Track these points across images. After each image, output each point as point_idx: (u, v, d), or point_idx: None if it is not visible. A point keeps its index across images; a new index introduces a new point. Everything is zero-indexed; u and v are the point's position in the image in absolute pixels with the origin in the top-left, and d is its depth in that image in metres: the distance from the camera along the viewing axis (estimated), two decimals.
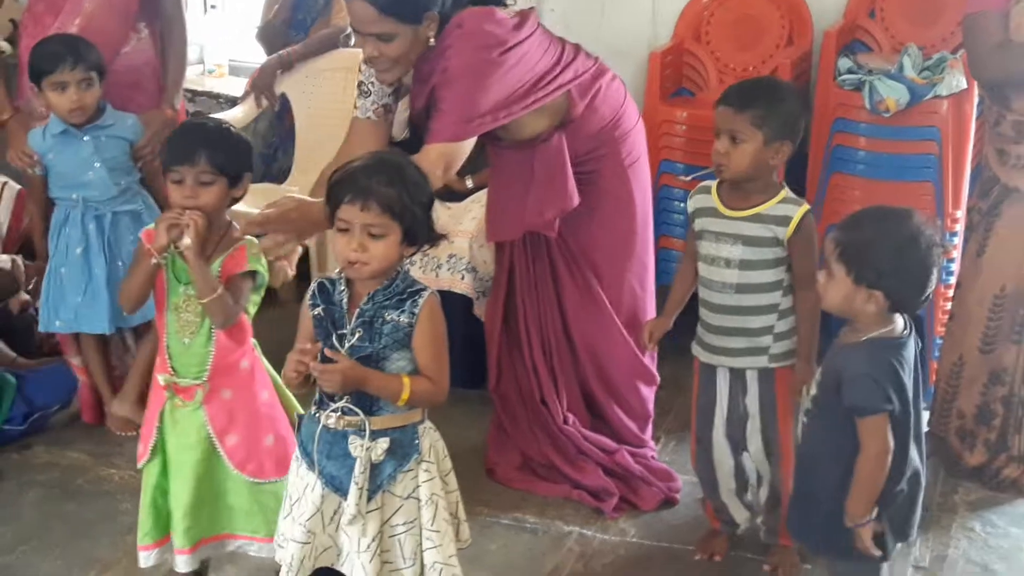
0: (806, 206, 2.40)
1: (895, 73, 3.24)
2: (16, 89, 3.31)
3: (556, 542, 2.77)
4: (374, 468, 2.00)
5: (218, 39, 4.91)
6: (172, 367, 2.31)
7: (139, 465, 2.39)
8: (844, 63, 3.38)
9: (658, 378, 3.02)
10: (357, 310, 2.00)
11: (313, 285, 2.06)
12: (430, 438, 2.09)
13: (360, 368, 1.96)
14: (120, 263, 3.09)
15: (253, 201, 3.99)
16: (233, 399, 2.33)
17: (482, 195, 3.35)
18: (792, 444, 2.42)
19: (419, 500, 2.04)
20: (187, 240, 2.17)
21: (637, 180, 2.88)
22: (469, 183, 3.59)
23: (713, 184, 2.47)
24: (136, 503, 2.85)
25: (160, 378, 2.32)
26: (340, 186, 1.98)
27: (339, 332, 2.00)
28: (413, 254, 2.05)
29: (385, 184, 1.96)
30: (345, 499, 2.01)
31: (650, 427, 3.07)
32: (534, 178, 2.78)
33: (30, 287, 3.47)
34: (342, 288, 2.03)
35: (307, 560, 2.05)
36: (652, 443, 3.07)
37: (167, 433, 2.34)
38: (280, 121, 4.39)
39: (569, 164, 2.76)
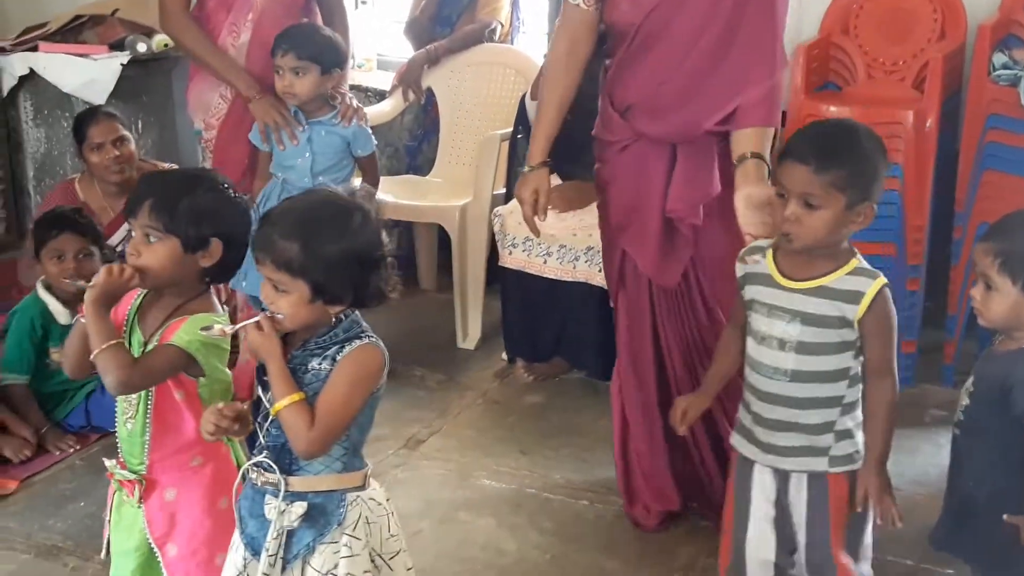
0: (882, 280, 2.00)
1: None
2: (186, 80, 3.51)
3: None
4: (291, 535, 1.77)
5: (367, 34, 5.06)
6: (121, 454, 2.01)
7: (101, 557, 2.13)
8: (999, 58, 3.28)
9: None
10: (288, 355, 1.76)
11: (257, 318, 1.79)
12: (363, 510, 1.80)
13: (276, 345, 1.73)
14: None
15: (399, 191, 4.15)
16: (177, 502, 1.97)
17: None
18: (847, 563, 2.08)
19: None
20: (86, 284, 1.88)
21: None
22: None
23: (769, 245, 2.10)
24: None
25: (107, 463, 2.01)
26: (258, 228, 1.77)
27: (265, 377, 1.77)
28: (341, 311, 1.75)
29: (284, 236, 1.70)
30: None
31: None
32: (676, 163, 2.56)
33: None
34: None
35: None
36: None
37: (113, 530, 2.04)
38: (425, 114, 4.51)
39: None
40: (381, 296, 1.77)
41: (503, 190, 3.92)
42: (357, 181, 3.52)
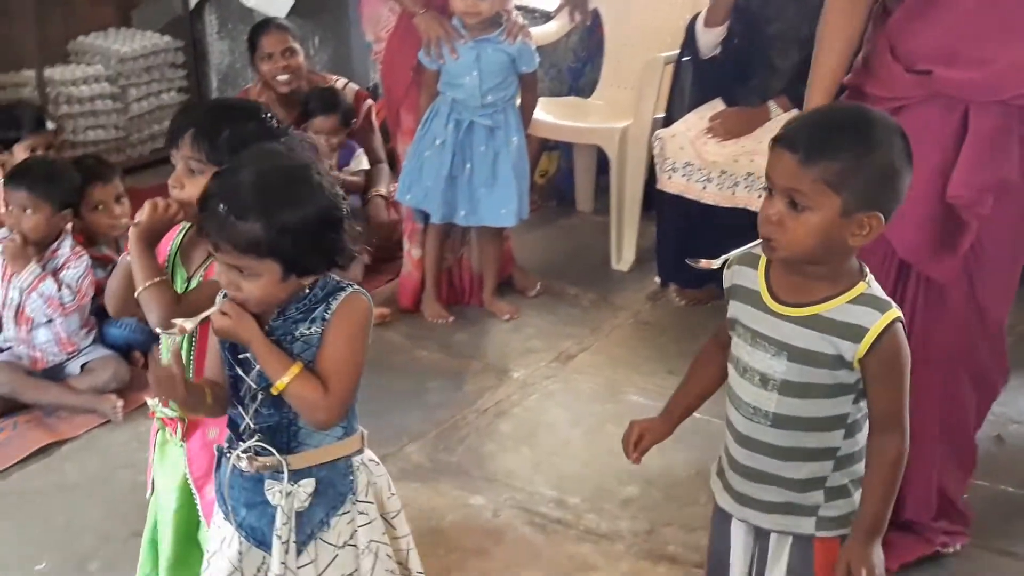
0: (893, 313, 1.59)
1: None
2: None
3: None
4: (301, 516, 1.66)
5: None
6: None
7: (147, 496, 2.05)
8: None
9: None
10: (266, 328, 1.60)
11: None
12: (367, 474, 1.72)
13: (252, 324, 1.58)
14: (468, 166, 3.42)
15: (560, 112, 4.21)
16: (219, 440, 1.84)
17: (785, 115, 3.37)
18: None
19: (357, 548, 1.70)
20: (131, 221, 1.85)
21: None
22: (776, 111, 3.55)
23: (763, 255, 1.67)
24: (444, 385, 3.20)
25: (148, 401, 1.94)
26: (201, 211, 1.59)
27: (241, 355, 1.63)
28: (315, 283, 1.61)
29: (241, 216, 1.52)
30: (270, 553, 1.67)
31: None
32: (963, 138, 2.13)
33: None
34: None
35: None
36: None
37: (156, 468, 1.98)
38: (590, 36, 4.53)
39: None
40: (350, 255, 1.61)
41: (664, 114, 3.93)
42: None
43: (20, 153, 3.61)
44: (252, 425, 1.65)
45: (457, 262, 3.70)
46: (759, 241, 1.63)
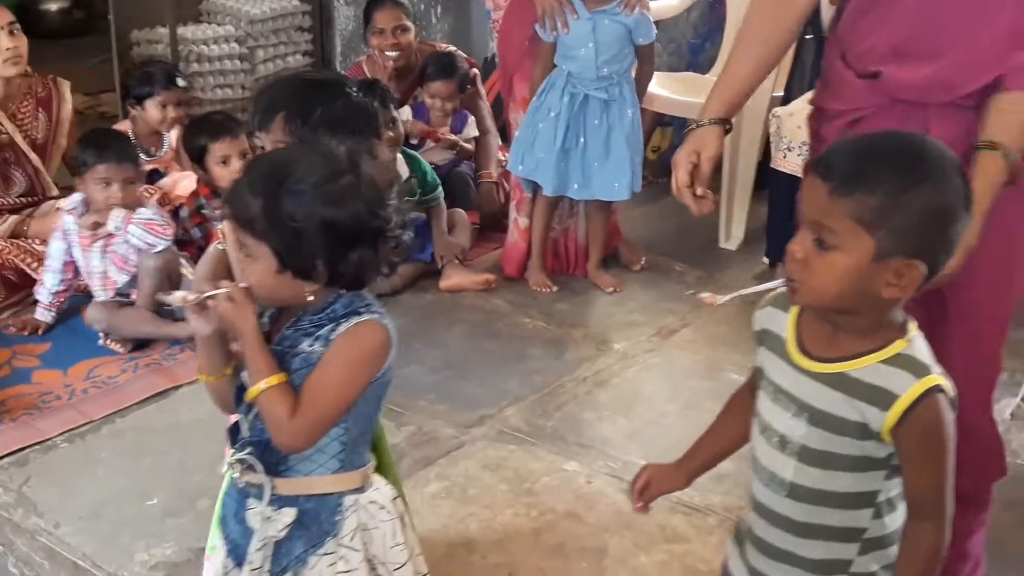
0: (934, 378, 1.34)
1: None
2: None
3: None
4: (280, 546, 1.53)
5: None
6: None
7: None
8: None
9: (1006, 470, 2.08)
10: (279, 335, 1.53)
11: None
12: (362, 517, 1.56)
13: (250, 316, 1.47)
14: (582, 139, 3.43)
15: (677, 87, 4.19)
16: None
17: None
18: None
19: None
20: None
21: None
22: None
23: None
24: (545, 352, 3.24)
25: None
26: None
27: None
28: (338, 298, 1.50)
29: (250, 188, 1.45)
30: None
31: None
32: None
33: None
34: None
35: None
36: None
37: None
38: (712, 11, 4.50)
39: None
40: (363, 278, 1.49)
41: (782, 92, 3.88)
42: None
43: (152, 109, 3.77)
44: (247, 435, 1.55)
45: (563, 232, 3.73)
46: (777, 282, 1.45)
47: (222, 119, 3.52)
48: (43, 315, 3.27)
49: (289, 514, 1.52)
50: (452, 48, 4.23)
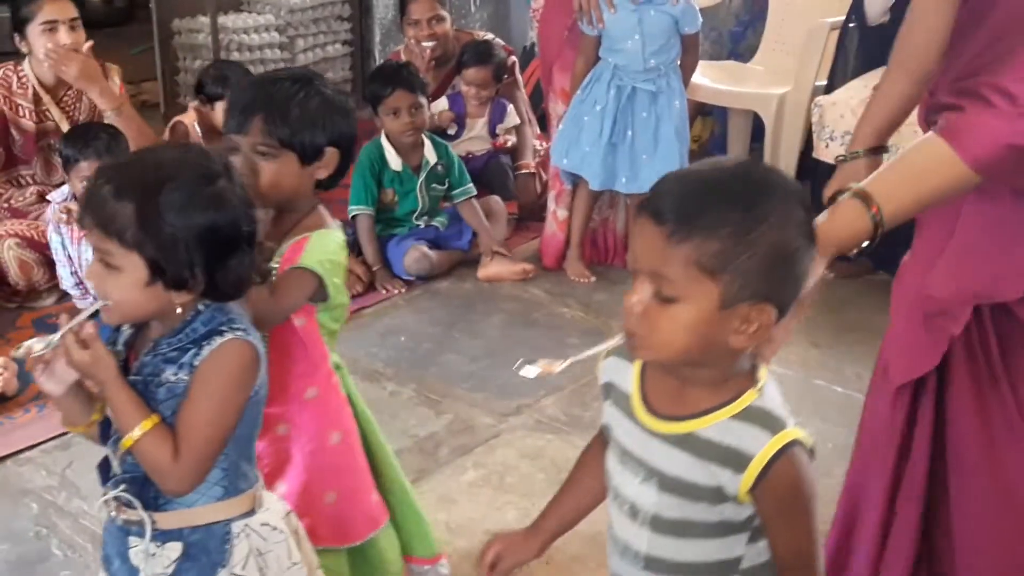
0: (790, 432, 1.22)
1: None
2: None
3: None
4: None
5: None
6: None
7: None
8: None
9: None
10: (136, 363, 1.41)
11: None
12: (253, 542, 1.46)
13: (108, 362, 1.35)
14: (630, 132, 3.39)
15: (718, 76, 4.15)
16: (288, 437, 1.78)
17: None
18: None
19: None
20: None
21: None
22: None
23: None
24: (583, 342, 3.22)
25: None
26: (87, 188, 1.39)
27: None
28: (198, 315, 1.38)
29: (118, 193, 1.32)
30: None
31: None
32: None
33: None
34: (128, 327, 1.44)
35: None
36: None
37: None
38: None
39: None
40: (240, 286, 1.40)
41: (825, 81, 3.83)
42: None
43: (221, 112, 3.70)
44: (118, 472, 1.44)
45: (602, 223, 3.71)
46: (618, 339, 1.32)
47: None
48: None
49: (174, 549, 1.43)
50: (490, 36, 4.21)
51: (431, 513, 2.43)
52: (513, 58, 4.18)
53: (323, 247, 1.68)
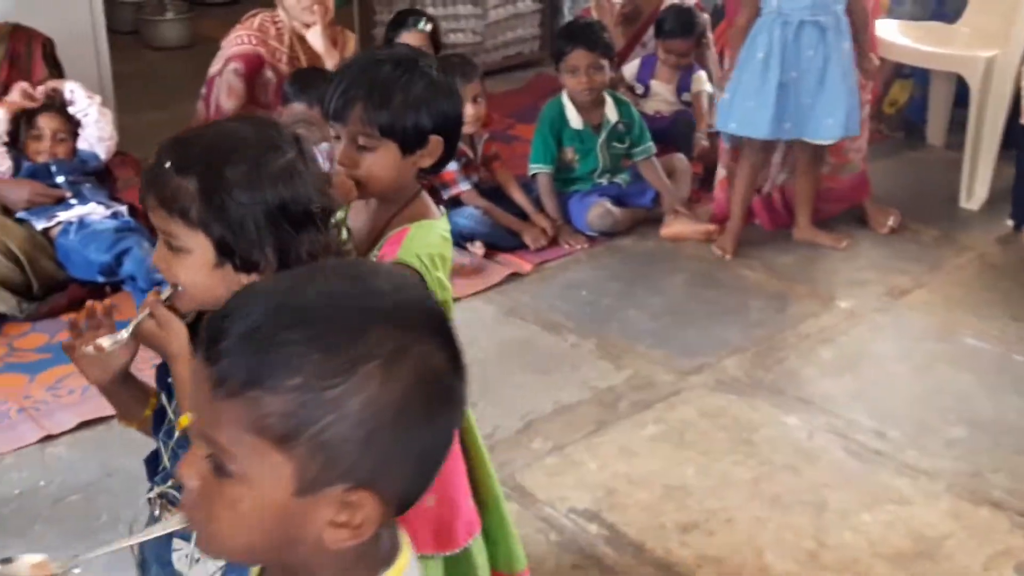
0: None
1: None
2: None
3: None
4: None
5: None
6: None
7: None
8: None
9: None
10: None
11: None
12: None
13: (178, 335, 1.29)
14: (794, 73, 3.25)
15: (920, 37, 3.97)
16: (436, 510, 1.68)
17: None
18: None
19: None
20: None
21: None
22: None
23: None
24: (767, 305, 3.18)
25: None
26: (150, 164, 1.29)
27: (169, 378, 1.35)
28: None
29: (180, 168, 1.23)
30: None
31: None
32: None
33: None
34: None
35: None
36: None
37: None
38: None
39: None
40: (312, 262, 1.26)
41: None
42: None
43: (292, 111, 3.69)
44: (169, 465, 1.34)
45: (780, 189, 3.59)
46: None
47: (457, 61, 3.55)
48: None
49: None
50: None
51: (610, 464, 2.47)
52: (706, 15, 4.11)
53: (424, 239, 1.56)
